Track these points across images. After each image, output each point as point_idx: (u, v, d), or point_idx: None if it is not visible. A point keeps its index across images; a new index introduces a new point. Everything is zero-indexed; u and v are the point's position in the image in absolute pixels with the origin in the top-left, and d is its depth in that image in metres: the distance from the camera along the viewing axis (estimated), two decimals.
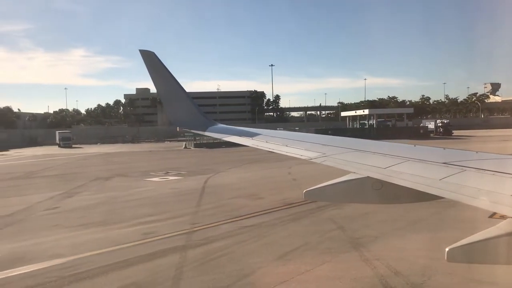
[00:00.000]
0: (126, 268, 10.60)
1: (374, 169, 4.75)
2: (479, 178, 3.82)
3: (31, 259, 11.58)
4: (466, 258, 3.21)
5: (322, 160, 5.67)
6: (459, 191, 3.61)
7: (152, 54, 8.25)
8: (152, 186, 25.85)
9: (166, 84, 8.56)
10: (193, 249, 12.15)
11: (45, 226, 15.59)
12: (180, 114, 8.97)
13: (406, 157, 4.95)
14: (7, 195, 23.59)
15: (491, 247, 3.07)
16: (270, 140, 7.42)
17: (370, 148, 6.05)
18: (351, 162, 5.26)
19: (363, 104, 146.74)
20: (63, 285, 9.58)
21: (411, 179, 4.15)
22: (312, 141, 7.17)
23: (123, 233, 14.22)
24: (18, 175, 33.60)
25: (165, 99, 9.10)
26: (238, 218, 15.76)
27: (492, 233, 3.13)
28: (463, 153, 5.06)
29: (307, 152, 6.23)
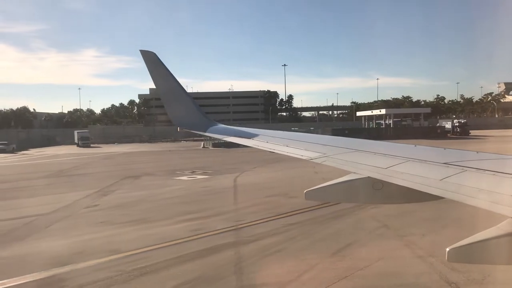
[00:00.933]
0: (186, 263, 10.91)
1: (374, 169, 4.74)
2: (480, 178, 3.82)
3: (91, 254, 11.95)
4: (466, 258, 3.22)
5: (322, 160, 5.64)
6: (459, 191, 3.61)
7: (153, 54, 8.32)
8: (183, 184, 26.21)
9: (166, 84, 8.63)
10: (246, 245, 12.43)
11: (92, 223, 15.98)
12: (181, 114, 9.02)
13: (407, 157, 4.93)
14: (44, 193, 24.08)
15: (492, 247, 3.06)
16: (271, 140, 7.45)
17: (371, 148, 6.06)
18: (352, 162, 5.25)
19: (376, 104, 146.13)
20: (131, 278, 9.91)
21: (412, 179, 4.15)
22: (312, 141, 7.15)
23: (172, 229, 14.54)
24: (47, 174, 34.20)
25: (165, 99, 9.03)
26: (280, 216, 16.00)
27: (493, 233, 3.13)
28: (464, 153, 5.04)
29: (308, 152, 6.22)
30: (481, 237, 3.11)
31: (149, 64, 8.29)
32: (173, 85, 8.64)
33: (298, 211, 16.71)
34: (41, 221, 16.57)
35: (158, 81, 8.57)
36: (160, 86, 8.67)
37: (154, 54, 8.28)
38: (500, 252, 3.09)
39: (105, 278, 9.90)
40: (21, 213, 17.99)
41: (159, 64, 8.40)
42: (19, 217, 17.20)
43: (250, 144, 7.58)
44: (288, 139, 7.34)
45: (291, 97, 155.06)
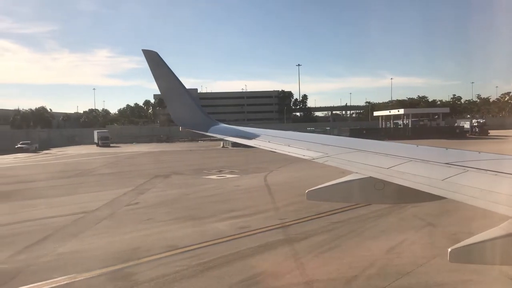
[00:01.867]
0: (247, 259, 11.21)
1: (376, 169, 4.73)
2: (481, 179, 3.83)
3: (149, 249, 12.31)
4: (468, 259, 3.23)
5: (324, 160, 5.63)
6: (461, 192, 3.62)
7: (155, 54, 8.29)
8: (215, 183, 26.56)
9: (168, 83, 8.60)
10: (298, 242, 12.69)
11: (139, 220, 16.37)
12: (183, 114, 9.03)
13: (409, 157, 4.93)
14: (80, 192, 24.61)
15: (494, 248, 3.07)
16: (272, 140, 7.47)
17: (372, 148, 6.05)
18: (353, 162, 5.24)
19: (391, 103, 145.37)
20: (197, 272, 10.23)
21: (414, 179, 4.15)
22: (313, 141, 7.17)
23: (219, 226, 14.87)
24: (77, 173, 34.83)
25: (168, 99, 9.07)
26: (322, 215, 16.19)
27: (495, 234, 3.14)
28: (466, 153, 5.06)
29: (309, 152, 6.24)
30: (483, 238, 3.13)
31: (151, 64, 8.31)
32: (175, 85, 8.66)
33: (338, 210, 16.87)
34: (88, 218, 17.01)
35: (160, 81, 8.59)
36: (162, 85, 8.68)
37: (156, 53, 8.30)
38: (503, 252, 3.10)
39: (172, 272, 10.23)
40: (66, 211, 18.47)
41: (161, 64, 8.39)
42: (65, 215, 17.67)
43: (252, 144, 7.62)
44: (289, 138, 7.43)
45: (305, 97, 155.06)
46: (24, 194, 23.93)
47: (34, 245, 13.04)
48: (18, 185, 27.94)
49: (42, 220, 16.81)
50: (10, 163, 48.90)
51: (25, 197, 22.82)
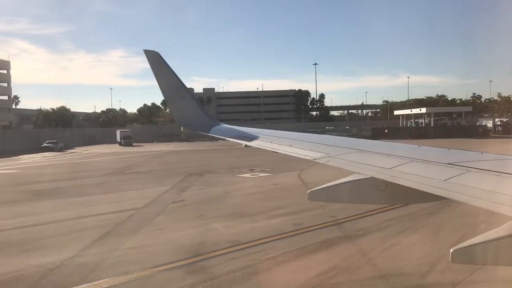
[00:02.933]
0: (314, 254, 11.51)
1: (378, 169, 4.72)
2: (484, 179, 3.81)
3: (214, 244, 12.69)
4: (470, 259, 3.22)
5: (326, 161, 5.63)
6: (463, 192, 3.60)
7: (157, 54, 8.29)
8: (252, 181, 26.91)
9: (170, 84, 8.58)
10: (358, 239, 12.94)
11: (191, 217, 16.77)
12: (184, 114, 9.00)
13: (411, 157, 4.92)
14: (121, 189, 25.18)
15: (496, 248, 3.06)
16: (274, 141, 7.44)
17: (374, 149, 6.04)
18: (355, 163, 5.23)
19: (409, 102, 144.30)
20: (270, 267, 10.56)
21: (416, 180, 4.13)
22: (315, 141, 7.16)
23: (274, 223, 15.18)
24: (111, 171, 35.49)
25: (169, 99, 9.05)
26: (370, 213, 16.35)
27: (497, 234, 3.12)
28: (468, 153, 5.05)
29: (311, 152, 6.21)
30: (485, 238, 3.12)
31: (153, 64, 8.32)
32: (176, 85, 8.63)
33: (385, 209, 16.99)
34: (141, 215, 17.47)
35: (162, 81, 8.58)
36: (164, 85, 8.67)
37: (158, 53, 8.33)
38: (505, 253, 3.08)
39: (246, 266, 10.57)
40: (116, 208, 18.95)
41: (162, 64, 8.41)
42: (117, 211, 18.15)
43: (254, 144, 7.61)
44: (291, 139, 7.40)
45: (322, 96, 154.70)
46: (69, 192, 24.56)
47: (100, 240, 13.50)
48: (60, 183, 28.63)
49: (97, 217, 17.32)
50: (42, 161, 49.94)
51: (71, 194, 23.42)
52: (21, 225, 16.04)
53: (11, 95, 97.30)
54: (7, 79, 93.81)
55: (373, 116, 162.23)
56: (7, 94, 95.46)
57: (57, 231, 15.02)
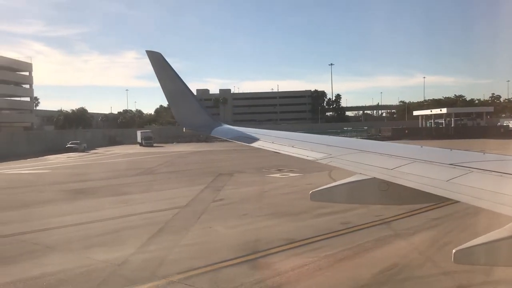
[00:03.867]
0: (370, 252, 11.74)
1: (380, 170, 4.72)
2: (486, 180, 3.82)
3: (269, 242, 12.97)
4: (473, 260, 3.23)
5: (328, 161, 5.65)
6: (466, 193, 3.61)
7: (159, 55, 8.32)
8: (284, 181, 27.18)
9: (172, 84, 8.57)
10: (411, 237, 13.13)
11: (236, 215, 17.07)
12: (186, 115, 8.97)
13: (413, 158, 4.92)
14: (156, 189, 25.65)
15: (499, 249, 3.07)
16: (276, 141, 7.49)
17: (376, 149, 6.05)
18: (357, 163, 5.24)
19: (426, 103, 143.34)
20: (332, 263, 10.81)
21: (418, 180, 4.13)
22: (317, 141, 7.16)
23: (321, 222, 15.41)
24: (140, 172, 36.06)
25: (171, 100, 8.97)
26: (414, 212, 16.43)
27: (500, 235, 3.12)
28: (470, 154, 5.07)
29: (313, 152, 6.24)
30: (487, 239, 3.13)
31: (155, 65, 8.37)
32: (178, 86, 8.64)
33: (428, 208, 17.14)
34: (186, 213, 17.84)
35: (164, 82, 8.57)
36: (166, 86, 8.63)
37: (160, 54, 8.36)
38: (507, 254, 3.09)
39: (308, 263, 10.83)
40: (159, 206, 19.36)
41: (165, 65, 8.44)
42: (161, 210, 18.55)
43: (256, 145, 7.62)
44: (293, 139, 7.44)
45: (339, 97, 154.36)
46: (107, 191, 25.08)
47: (155, 238, 13.86)
48: (94, 183, 29.20)
49: (144, 215, 17.74)
50: (69, 162, 50.82)
51: (109, 194, 23.93)
52: (73, 223, 16.51)
53: (33, 97, 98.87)
54: (29, 81, 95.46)
55: (389, 117, 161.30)
56: (29, 95, 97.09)
57: (110, 229, 15.44)
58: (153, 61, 8.32)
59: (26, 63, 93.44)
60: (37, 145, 68.08)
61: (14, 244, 13.64)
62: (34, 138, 73.97)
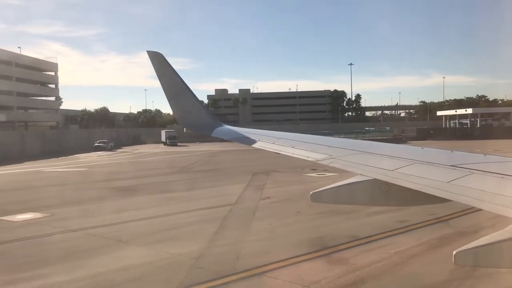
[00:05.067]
0: (440, 248, 12.00)
1: (381, 171, 4.71)
2: (487, 181, 3.82)
3: (334, 238, 13.31)
4: (473, 261, 3.28)
5: (329, 162, 5.65)
6: (466, 194, 3.61)
7: (160, 55, 8.31)
8: (323, 181, 27.34)
9: (173, 85, 8.57)
10: (473, 235, 13.25)
11: (290, 213, 17.43)
12: (187, 115, 8.97)
13: (414, 159, 4.90)
14: (199, 187, 26.13)
15: (499, 251, 3.07)
16: (276, 142, 7.47)
17: (377, 150, 6.02)
18: (358, 164, 5.24)
19: (448, 103, 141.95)
20: (406, 259, 11.08)
21: (419, 182, 4.11)
22: (318, 142, 7.15)
23: (377, 220, 15.61)
24: (176, 170, 36.72)
25: (172, 100, 8.89)
26: (468, 211, 16.50)
27: (500, 237, 3.13)
28: (471, 155, 5.06)
29: (314, 153, 6.23)
30: (488, 241, 3.15)
31: (156, 65, 8.37)
32: (179, 86, 8.63)
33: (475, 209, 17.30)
34: (240, 210, 18.24)
35: (165, 82, 8.57)
36: (167, 86, 8.61)
37: (161, 54, 8.36)
38: (508, 255, 3.09)
39: (382, 259, 11.11)
40: (210, 203, 19.80)
41: (165, 65, 8.43)
42: (213, 207, 18.99)
43: (257, 145, 7.61)
44: (294, 140, 7.41)
45: (358, 97, 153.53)
46: (151, 188, 25.66)
47: (220, 233, 14.28)
48: (135, 181, 29.87)
49: (198, 212, 18.19)
50: (101, 160, 51.84)
51: (154, 191, 24.49)
52: (133, 218, 17.05)
53: (58, 96, 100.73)
54: (55, 81, 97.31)
55: (409, 117, 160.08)
56: (55, 95, 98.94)
57: (172, 224, 15.92)
58: (154, 61, 8.35)
59: (52, 63, 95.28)
60: (66, 143, 69.49)
61: (85, 239, 14.19)
62: (63, 137, 75.45)
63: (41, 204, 20.66)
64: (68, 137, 77.01)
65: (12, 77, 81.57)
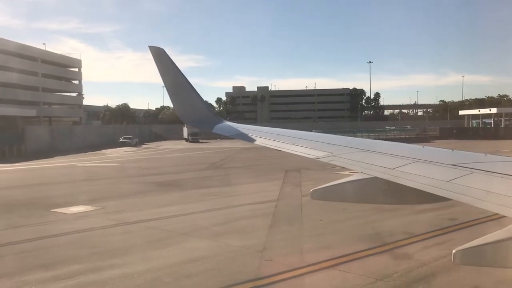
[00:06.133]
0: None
1: (381, 169, 4.69)
2: (488, 181, 3.79)
3: (390, 235, 13.53)
4: (473, 261, 3.26)
5: (329, 160, 5.67)
6: (467, 193, 3.59)
7: (162, 50, 8.25)
8: None
9: (174, 80, 8.51)
10: None
11: (336, 210, 17.38)
12: (188, 111, 8.93)
13: (414, 158, 4.89)
14: (236, 183, 26.51)
15: (499, 250, 3.08)
16: (278, 139, 7.43)
17: (378, 148, 6.03)
18: (358, 162, 5.22)
19: (468, 102, 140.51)
20: None
21: (419, 180, 4.10)
22: (319, 140, 7.15)
23: (427, 217, 15.74)
24: (206, 166, 37.17)
25: (173, 96, 8.83)
26: None
27: (500, 236, 3.14)
28: (472, 155, 5.03)
29: (315, 151, 6.22)
30: (488, 240, 3.15)
31: (158, 60, 8.30)
32: (181, 81, 8.56)
33: None
34: (285, 206, 18.55)
35: (166, 77, 8.49)
36: (168, 82, 8.56)
37: (163, 50, 8.29)
38: (507, 255, 3.09)
39: (446, 254, 11.26)
40: (253, 199, 20.09)
41: (167, 60, 8.36)
42: (257, 202, 19.31)
43: (258, 142, 7.58)
44: (295, 137, 7.41)
45: (378, 95, 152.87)
46: (188, 184, 26.14)
47: (275, 228, 14.59)
48: (170, 176, 30.41)
49: (245, 207, 18.56)
50: (129, 156, 52.72)
51: (192, 186, 24.92)
52: (184, 212, 17.45)
53: (81, 92, 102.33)
54: (78, 77, 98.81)
55: (430, 116, 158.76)
56: (78, 91, 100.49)
57: (223, 219, 16.25)
58: (155, 56, 8.25)
59: (76, 59, 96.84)
60: (91, 139, 70.68)
61: (146, 231, 14.64)
62: (88, 132, 76.78)
63: (88, 197, 21.21)
64: (94, 132, 78.34)
65: (38, 73, 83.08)
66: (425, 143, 58.43)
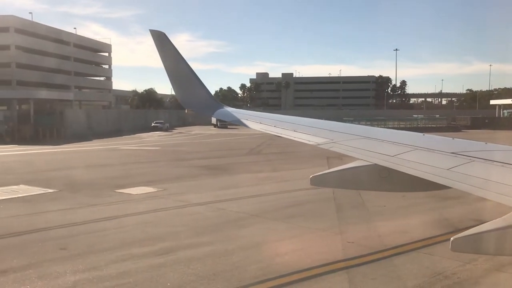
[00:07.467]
0: None
1: (381, 156, 4.72)
2: (488, 169, 3.82)
3: (459, 221, 13.82)
4: (471, 248, 3.29)
5: (329, 146, 5.73)
6: (467, 181, 3.62)
7: (163, 34, 8.19)
8: None
9: (175, 65, 8.48)
10: None
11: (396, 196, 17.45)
12: (189, 96, 8.91)
13: (415, 145, 4.91)
14: (283, 168, 27.05)
15: (497, 238, 3.10)
16: (278, 125, 7.41)
17: (378, 136, 6.01)
18: (359, 149, 5.24)
19: (496, 91, 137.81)
20: None
21: (419, 168, 4.12)
22: (320, 126, 7.13)
23: (493, 205, 15.91)
24: (247, 152, 37.74)
25: (174, 81, 8.83)
26: None
27: (498, 225, 3.17)
28: (472, 143, 5.06)
29: (315, 137, 6.27)
30: (486, 228, 3.17)
31: (159, 44, 8.25)
32: (182, 66, 8.52)
33: None
34: (341, 192, 18.64)
35: (167, 62, 8.47)
36: (169, 66, 8.52)
37: (164, 34, 8.23)
38: (505, 243, 3.14)
39: None
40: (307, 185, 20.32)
41: (168, 44, 8.30)
42: (312, 188, 19.57)
43: (258, 128, 7.54)
44: (296, 124, 7.40)
45: (404, 83, 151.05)
46: (235, 168, 26.57)
47: (342, 212, 14.90)
48: (215, 161, 30.98)
49: (302, 191, 18.59)
50: (165, 140, 53.85)
51: (241, 171, 25.41)
52: (245, 195, 17.84)
53: (111, 77, 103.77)
54: (108, 62, 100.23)
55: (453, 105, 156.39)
56: (108, 75, 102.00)
57: (287, 202, 16.66)
58: (156, 40, 8.23)
59: (106, 44, 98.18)
60: (124, 123, 72.01)
61: (217, 212, 15.10)
62: (122, 116, 78.21)
63: (145, 179, 21.91)
64: (126, 116, 79.74)
65: (70, 57, 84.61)
66: (457, 132, 57.86)
